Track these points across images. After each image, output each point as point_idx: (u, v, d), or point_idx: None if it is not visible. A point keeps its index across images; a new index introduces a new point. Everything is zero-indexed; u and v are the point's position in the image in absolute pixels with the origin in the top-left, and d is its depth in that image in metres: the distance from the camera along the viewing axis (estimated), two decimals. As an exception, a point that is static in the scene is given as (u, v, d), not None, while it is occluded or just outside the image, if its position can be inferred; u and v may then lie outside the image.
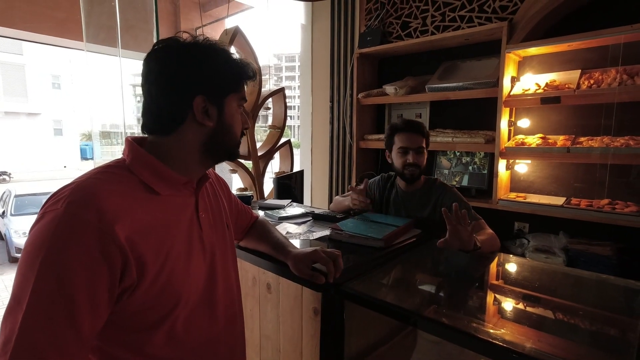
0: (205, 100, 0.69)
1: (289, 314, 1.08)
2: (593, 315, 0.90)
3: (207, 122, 0.70)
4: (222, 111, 0.72)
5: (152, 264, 0.62)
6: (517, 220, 2.16)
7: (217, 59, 0.70)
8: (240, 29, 2.37)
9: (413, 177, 1.51)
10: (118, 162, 0.68)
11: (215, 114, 0.71)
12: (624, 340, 0.77)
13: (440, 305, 0.91)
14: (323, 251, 0.93)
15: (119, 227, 0.58)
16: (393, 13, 2.52)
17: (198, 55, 0.68)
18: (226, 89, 0.72)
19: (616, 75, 1.75)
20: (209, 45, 0.71)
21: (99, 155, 3.73)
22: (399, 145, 1.51)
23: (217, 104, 0.71)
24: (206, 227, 0.76)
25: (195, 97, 0.68)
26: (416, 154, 1.48)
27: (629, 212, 1.68)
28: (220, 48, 0.72)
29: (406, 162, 1.49)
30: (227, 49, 0.73)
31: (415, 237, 1.27)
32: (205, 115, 0.70)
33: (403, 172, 1.52)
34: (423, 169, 1.52)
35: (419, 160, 1.49)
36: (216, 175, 0.94)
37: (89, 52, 2.08)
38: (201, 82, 0.68)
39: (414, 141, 1.48)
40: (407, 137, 1.50)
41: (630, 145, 1.70)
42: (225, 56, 0.72)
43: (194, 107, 0.68)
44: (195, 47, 0.69)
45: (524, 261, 1.16)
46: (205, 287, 0.73)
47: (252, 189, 2.52)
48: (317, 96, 3.12)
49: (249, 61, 0.76)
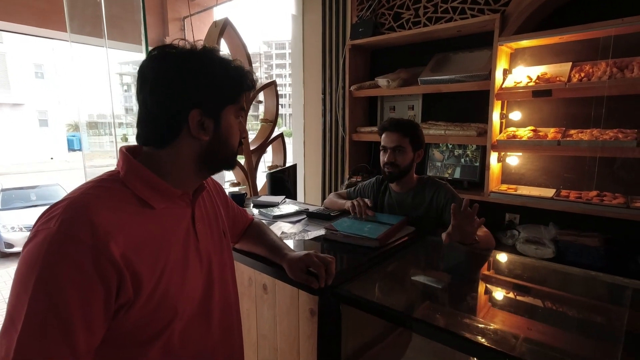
0: (201, 113, 0.67)
1: (285, 315, 1.09)
2: (586, 318, 0.93)
3: (202, 137, 0.68)
4: (219, 124, 0.70)
5: (148, 279, 0.61)
6: (508, 212, 2.20)
7: (214, 69, 0.68)
8: (229, 21, 2.32)
9: (391, 176, 1.50)
10: (112, 174, 0.67)
11: (212, 127, 0.69)
12: (615, 342, 0.79)
13: (436, 306, 0.93)
14: (316, 255, 0.93)
15: (113, 244, 0.57)
16: (385, 4, 2.49)
17: (195, 66, 0.66)
18: (223, 101, 0.70)
19: (606, 68, 1.76)
20: (206, 54, 0.68)
21: (87, 146, 3.65)
22: (381, 144, 1.52)
23: (213, 116, 0.69)
24: (203, 237, 0.75)
25: (190, 110, 0.66)
26: (393, 152, 1.47)
27: (616, 204, 1.72)
28: (218, 57, 0.69)
29: (384, 161, 1.50)
30: (225, 58, 0.71)
31: (409, 234, 1.28)
32: (201, 129, 0.68)
33: (384, 171, 1.53)
34: (404, 169, 1.50)
35: (396, 159, 1.47)
36: (212, 181, 0.93)
37: (74, 43, 2.02)
38: (197, 95, 0.66)
39: (391, 140, 1.48)
40: (386, 135, 1.50)
41: (618, 138, 1.72)
42: (223, 66, 0.69)
43: (189, 121, 0.66)
44: (192, 56, 0.67)
45: (518, 259, 1.18)
46: (202, 299, 0.73)
47: (245, 184, 2.51)
48: (309, 88, 3.08)
49: (249, 69, 0.74)
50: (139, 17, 1.97)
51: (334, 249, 1.18)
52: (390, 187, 1.62)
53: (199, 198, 0.78)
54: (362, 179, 2.59)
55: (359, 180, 2.57)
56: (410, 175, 1.54)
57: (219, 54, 0.70)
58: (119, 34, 2.00)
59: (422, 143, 1.55)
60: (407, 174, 1.52)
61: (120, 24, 2.01)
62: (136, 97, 0.68)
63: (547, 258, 1.91)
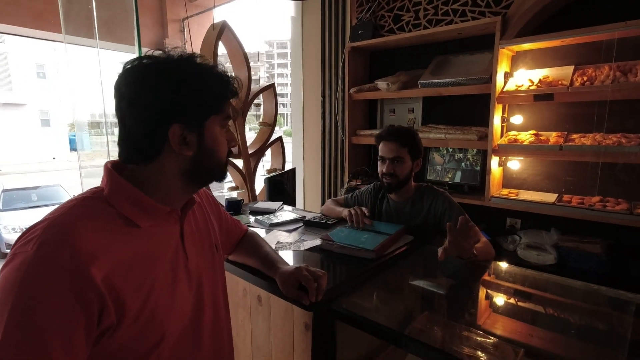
0: (183, 127, 0.64)
1: (280, 327, 1.07)
2: (587, 335, 0.90)
3: (185, 152, 0.65)
4: (203, 136, 0.67)
5: (132, 303, 0.59)
6: (509, 216, 2.17)
7: (193, 79, 0.64)
8: (227, 24, 2.30)
9: (390, 186, 1.48)
10: (95, 192, 0.64)
11: (195, 140, 0.66)
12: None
13: (433, 321, 0.90)
14: (307, 269, 0.90)
15: (94, 268, 0.55)
16: (385, 6, 2.46)
17: (172, 77, 0.63)
18: (206, 111, 0.67)
19: (609, 71, 1.73)
20: (183, 62, 0.65)
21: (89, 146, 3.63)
22: (379, 154, 1.50)
23: (196, 129, 0.66)
24: (192, 254, 0.73)
25: (170, 126, 0.63)
26: (391, 163, 1.45)
27: (619, 210, 1.69)
28: (196, 65, 0.66)
29: (382, 171, 1.48)
30: (205, 65, 0.67)
31: (407, 244, 1.26)
32: (183, 144, 0.65)
33: (382, 181, 1.51)
34: (403, 179, 1.48)
35: (395, 170, 1.45)
36: (205, 192, 0.91)
37: (70, 45, 2.00)
38: (176, 109, 0.63)
39: (389, 150, 1.45)
40: (384, 145, 1.47)
41: (622, 144, 1.69)
42: (202, 74, 0.65)
43: (170, 137, 0.63)
44: (168, 67, 0.64)
45: (518, 271, 1.16)
46: (191, 319, 0.71)
47: (243, 188, 2.49)
48: (308, 91, 3.06)
49: (231, 75, 0.70)
50: (139, 19, 1.95)
51: (329, 259, 1.16)
52: (388, 195, 1.59)
53: (189, 213, 0.75)
54: (362, 182, 2.57)
55: (359, 184, 2.55)
56: (409, 184, 1.52)
57: (198, 61, 0.66)
58: (115, 35, 1.98)
59: (421, 151, 1.52)
60: (406, 183, 1.50)
61: (115, 25, 1.99)
62: (115, 113, 0.65)
63: (549, 264, 1.89)
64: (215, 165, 0.71)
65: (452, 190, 2.17)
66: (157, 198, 0.66)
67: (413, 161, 1.48)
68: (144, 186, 0.65)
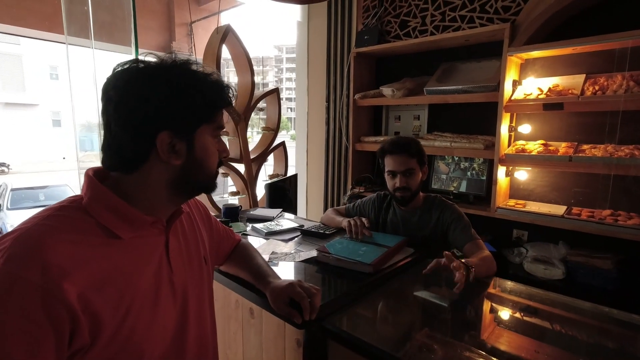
0: (172, 135, 0.61)
1: (272, 342, 1.03)
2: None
3: (173, 161, 0.62)
4: (192, 146, 0.63)
5: (109, 321, 0.55)
6: (515, 228, 2.11)
7: (185, 85, 0.61)
8: (231, 28, 2.28)
9: (404, 200, 1.44)
10: (74, 200, 0.61)
11: (184, 149, 0.63)
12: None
13: (431, 345, 0.86)
14: (300, 285, 0.86)
15: (68, 283, 0.51)
16: (391, 11, 2.43)
17: (163, 82, 0.60)
18: (197, 120, 0.63)
19: (622, 81, 1.67)
20: (177, 68, 0.62)
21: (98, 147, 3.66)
22: (388, 169, 1.44)
23: (186, 138, 0.63)
24: (178, 267, 0.69)
25: (159, 133, 0.60)
26: (404, 176, 1.40)
27: (631, 225, 1.62)
28: (190, 72, 0.63)
29: (394, 185, 1.42)
30: (199, 72, 0.64)
31: (408, 257, 1.21)
32: (172, 152, 0.62)
33: (395, 195, 1.46)
34: (415, 190, 1.44)
35: (408, 183, 1.40)
36: (195, 201, 0.87)
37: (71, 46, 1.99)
38: (166, 116, 0.60)
39: (400, 163, 1.40)
40: (394, 159, 1.41)
41: (635, 156, 1.63)
42: (195, 81, 0.62)
43: (158, 145, 0.60)
44: (160, 72, 0.61)
45: (521, 289, 1.10)
46: (174, 338, 0.67)
47: (245, 193, 2.46)
48: (312, 96, 3.03)
49: (225, 83, 0.67)
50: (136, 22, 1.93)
51: (325, 271, 1.12)
52: (394, 204, 1.55)
53: (176, 224, 0.72)
54: (365, 189, 2.52)
55: (362, 191, 2.50)
56: (418, 194, 1.48)
57: (192, 68, 0.64)
58: (114, 38, 1.96)
59: (426, 159, 1.48)
60: (418, 194, 1.47)
61: (115, 28, 1.97)
62: (101, 117, 0.62)
63: (557, 279, 1.82)
64: (205, 176, 0.67)
65: (457, 200, 2.12)
66: (141, 208, 0.63)
67: (421, 170, 1.45)
68: (127, 195, 0.62)
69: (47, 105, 18.70)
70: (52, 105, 18.81)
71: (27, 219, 0.57)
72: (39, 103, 18.54)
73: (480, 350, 0.80)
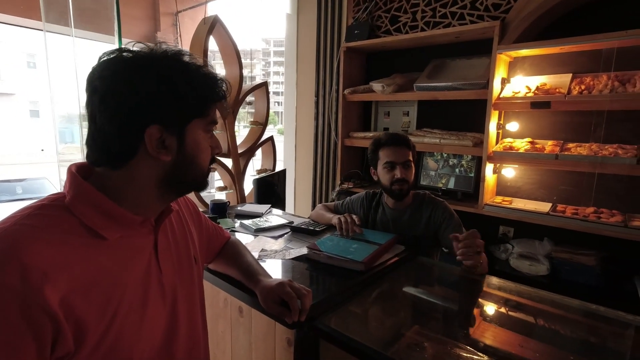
0: (161, 129, 0.57)
1: (261, 341, 1.01)
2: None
3: (163, 157, 0.59)
4: (183, 141, 0.60)
5: (94, 327, 0.52)
6: (502, 225, 2.13)
7: (178, 77, 0.57)
8: (219, 18, 2.22)
9: (402, 193, 1.42)
10: (56, 198, 0.57)
11: (175, 144, 0.59)
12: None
13: (422, 342, 0.85)
14: (290, 285, 0.83)
15: (49, 288, 0.48)
16: (382, 6, 2.41)
17: (152, 73, 0.56)
18: (189, 114, 0.60)
19: (607, 81, 1.70)
20: (167, 58, 0.58)
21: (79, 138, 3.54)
22: (385, 160, 1.41)
23: (176, 133, 0.59)
24: (167, 268, 0.66)
25: (147, 127, 0.56)
26: (403, 168, 1.39)
27: (614, 222, 1.66)
28: (182, 63, 0.59)
29: (394, 177, 1.40)
30: (191, 63, 0.60)
31: (398, 255, 1.20)
32: (162, 147, 0.58)
33: (391, 189, 1.42)
34: (412, 184, 1.43)
35: (407, 175, 1.40)
36: (184, 198, 0.84)
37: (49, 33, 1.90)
38: (156, 109, 0.56)
39: (400, 155, 1.39)
40: (393, 150, 1.40)
41: (618, 154, 1.66)
42: (188, 73, 0.59)
43: (146, 139, 0.57)
44: (150, 62, 0.57)
45: (512, 286, 1.11)
46: (163, 342, 0.64)
47: (232, 188, 2.42)
48: (301, 90, 3.00)
49: (220, 76, 0.64)
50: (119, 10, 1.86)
51: (316, 269, 1.10)
52: (384, 202, 1.53)
53: (164, 222, 0.69)
54: (354, 185, 2.51)
55: (350, 187, 2.50)
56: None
57: (184, 59, 0.60)
58: (95, 25, 1.88)
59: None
60: (411, 188, 1.47)
61: (96, 15, 1.89)
62: (85, 108, 0.58)
63: (541, 275, 1.85)
64: (196, 173, 0.64)
65: (445, 196, 2.12)
66: (128, 206, 0.59)
67: (414, 166, 1.46)
68: (113, 193, 0.58)
69: (25, 94, 18.03)
70: (29, 95, 18.15)
71: (5, 218, 0.53)
72: (16, 92, 17.85)
73: (469, 347, 0.80)
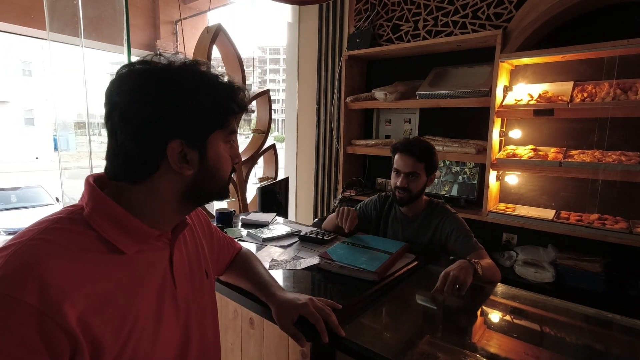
0: (183, 144, 0.56)
1: (273, 354, 0.99)
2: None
3: (185, 171, 0.58)
4: (205, 154, 0.59)
5: (111, 345, 0.51)
6: (505, 231, 2.13)
7: (197, 90, 0.56)
8: (222, 27, 2.23)
9: (402, 201, 1.44)
10: (74, 211, 0.55)
11: (197, 158, 0.58)
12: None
13: (438, 352, 0.84)
14: (314, 305, 0.81)
15: (68, 305, 0.46)
16: (384, 15, 2.43)
17: (173, 87, 0.55)
18: (210, 126, 0.59)
19: (609, 89, 1.72)
20: (187, 71, 0.57)
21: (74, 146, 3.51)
22: (394, 166, 1.45)
23: (198, 146, 0.58)
24: (181, 282, 0.65)
25: (169, 142, 0.55)
26: (406, 177, 1.40)
27: (618, 229, 1.66)
28: (201, 74, 0.58)
29: (396, 184, 1.43)
30: (210, 74, 0.59)
31: (410, 263, 1.19)
32: (184, 162, 0.57)
33: (394, 194, 1.46)
34: (415, 194, 1.43)
35: (409, 185, 1.40)
36: (195, 211, 0.82)
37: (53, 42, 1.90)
38: (177, 123, 0.55)
39: (406, 164, 1.40)
40: (401, 158, 1.42)
41: (621, 161, 1.67)
42: (208, 84, 0.58)
43: (169, 154, 0.56)
44: (170, 75, 0.56)
45: (525, 295, 1.10)
46: (177, 355, 0.63)
47: (235, 197, 2.40)
48: (303, 98, 3.00)
49: (239, 85, 0.62)
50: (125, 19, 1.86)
51: (328, 279, 1.09)
52: (397, 206, 1.55)
53: (179, 236, 0.67)
54: (356, 193, 2.51)
55: (353, 195, 2.49)
56: (420, 198, 1.47)
57: (203, 69, 0.59)
58: (102, 34, 1.88)
59: (437, 166, 1.47)
60: (418, 198, 1.46)
61: (103, 24, 1.89)
62: (104, 123, 0.57)
63: (546, 282, 1.85)
64: (217, 185, 0.63)
65: (448, 203, 2.12)
66: (146, 220, 0.58)
67: (428, 176, 1.44)
68: (131, 206, 0.57)
69: (20, 102, 17.90)
70: (24, 103, 18.02)
71: (21, 232, 0.52)
72: (10, 100, 17.73)
73: (479, 355, 0.79)
